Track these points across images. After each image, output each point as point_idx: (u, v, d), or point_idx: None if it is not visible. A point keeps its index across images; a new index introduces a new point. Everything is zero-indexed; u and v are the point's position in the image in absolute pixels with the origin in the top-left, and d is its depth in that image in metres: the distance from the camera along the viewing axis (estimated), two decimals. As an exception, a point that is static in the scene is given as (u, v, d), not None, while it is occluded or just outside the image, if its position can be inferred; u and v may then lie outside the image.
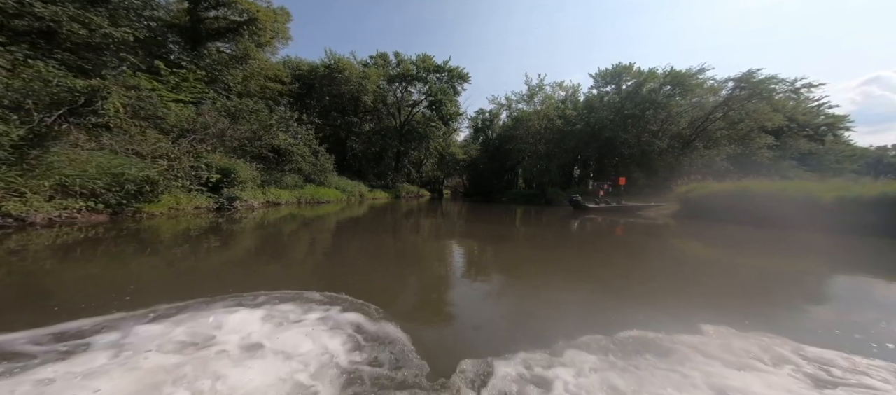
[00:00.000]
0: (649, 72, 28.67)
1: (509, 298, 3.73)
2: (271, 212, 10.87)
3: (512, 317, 3.10)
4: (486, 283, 4.24)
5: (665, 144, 26.92)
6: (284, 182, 13.79)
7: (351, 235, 7.58)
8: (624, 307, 3.31)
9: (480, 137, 45.92)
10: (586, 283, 4.29)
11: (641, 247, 7.40)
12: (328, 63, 27.31)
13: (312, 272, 4.40)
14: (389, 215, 12.89)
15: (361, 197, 22.64)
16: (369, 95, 27.36)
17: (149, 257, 4.53)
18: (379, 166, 29.97)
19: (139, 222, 6.70)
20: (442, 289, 3.88)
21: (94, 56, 13.54)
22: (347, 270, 4.37)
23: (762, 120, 25.60)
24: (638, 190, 27.78)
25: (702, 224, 10.97)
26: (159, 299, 2.83)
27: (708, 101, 28.29)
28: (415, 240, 7.39)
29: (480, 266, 5.18)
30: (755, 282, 4.53)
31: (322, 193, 16.53)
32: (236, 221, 8.29)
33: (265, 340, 2.22)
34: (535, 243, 7.47)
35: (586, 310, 3.29)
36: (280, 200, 12.96)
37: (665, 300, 3.61)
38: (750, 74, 25.44)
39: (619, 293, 3.84)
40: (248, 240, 6.15)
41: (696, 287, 4.27)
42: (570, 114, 32.82)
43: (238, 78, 18.79)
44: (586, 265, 5.43)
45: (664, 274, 5.00)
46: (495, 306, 3.41)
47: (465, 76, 31.86)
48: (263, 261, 4.74)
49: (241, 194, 9.95)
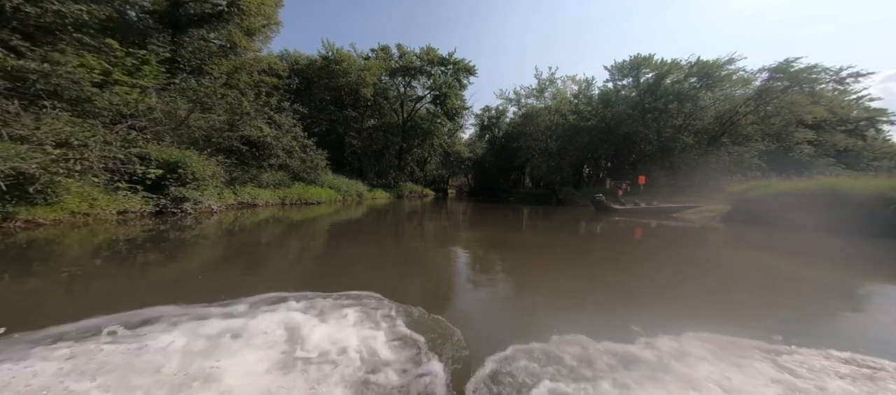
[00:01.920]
0: (672, 63, 25.96)
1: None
2: (242, 215, 8.78)
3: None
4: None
5: (691, 139, 24.20)
6: (263, 180, 11.72)
7: (331, 250, 5.41)
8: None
9: (486, 135, 43.66)
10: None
11: (712, 260, 5.10)
12: (326, 54, 25.26)
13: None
14: (388, 217, 10.72)
15: (360, 197, 20.51)
16: (369, 88, 25.17)
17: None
18: (380, 164, 27.83)
19: (9, 235, 4.59)
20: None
21: (51, 37, 11.66)
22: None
23: (801, 113, 22.77)
24: (657, 189, 25.17)
25: (768, 232, 8.51)
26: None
27: (736, 93, 25.52)
28: (419, 249, 5.23)
29: (512, 292, 2.96)
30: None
31: (312, 192, 14.41)
32: (179, 229, 6.22)
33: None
34: (573, 255, 5.22)
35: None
36: (257, 200, 10.87)
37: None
38: (787, 63, 22.61)
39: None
40: (149, 260, 4.02)
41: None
42: (583, 109, 30.28)
43: (223, 68, 16.74)
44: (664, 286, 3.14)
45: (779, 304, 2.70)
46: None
47: (471, 69, 29.53)
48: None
49: (193, 195, 7.85)
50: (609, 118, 27.64)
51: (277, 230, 7.09)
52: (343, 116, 24.22)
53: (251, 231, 6.76)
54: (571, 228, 10.14)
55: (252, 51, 20.62)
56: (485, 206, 20.42)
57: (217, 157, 9.43)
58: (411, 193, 28.13)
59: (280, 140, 12.52)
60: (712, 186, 24.11)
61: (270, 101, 12.91)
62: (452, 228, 9.23)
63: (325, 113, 23.74)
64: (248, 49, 20.05)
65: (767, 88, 23.45)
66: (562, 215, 14.35)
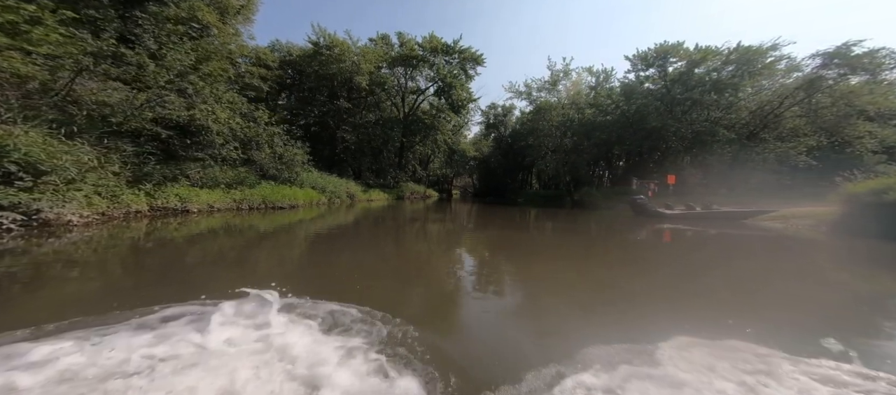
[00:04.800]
0: (705, 49, 22.48)
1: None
2: (131, 230, 5.67)
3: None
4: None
5: (734, 133, 20.72)
6: (196, 178, 8.48)
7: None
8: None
9: (492, 134, 40.44)
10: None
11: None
12: (316, 40, 22.12)
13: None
14: (375, 229, 7.48)
15: (351, 199, 17.32)
16: (365, 77, 21.96)
17: None
18: (377, 162, 24.59)
19: None
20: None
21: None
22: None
23: (861, 104, 19.18)
24: (689, 190, 21.71)
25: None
26: None
27: (780, 83, 21.98)
28: (412, 299, 2.11)
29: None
30: None
31: (283, 194, 11.16)
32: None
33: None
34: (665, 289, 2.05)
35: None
36: (191, 205, 7.71)
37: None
38: (846, 47, 19.04)
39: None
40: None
41: None
42: (602, 101, 26.89)
43: (184, 52, 13.35)
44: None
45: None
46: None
47: (478, 59, 26.24)
48: None
49: (24, 198, 4.63)
50: (632, 112, 24.23)
51: (125, 258, 3.93)
52: (335, 108, 20.91)
53: (71, 266, 3.62)
54: (625, 241, 6.82)
55: (229, 34, 17.55)
56: (495, 209, 17.08)
57: (121, 143, 6.30)
58: (413, 195, 24.88)
59: (230, 121, 9.32)
60: (752, 187, 20.77)
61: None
62: (468, 244, 6.00)
63: (313, 104, 20.53)
64: (223, 32, 16.99)
65: (820, 75, 19.88)
66: (593, 221, 11.02)
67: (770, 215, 10.91)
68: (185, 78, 8.55)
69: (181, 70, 8.58)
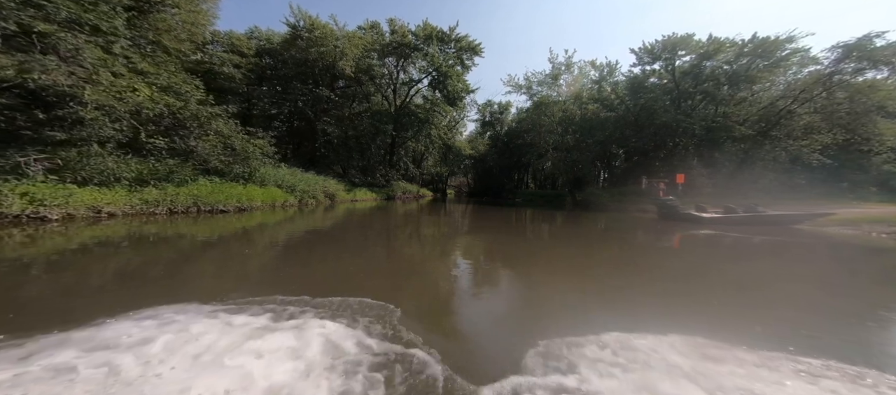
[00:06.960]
0: (715, 41, 20.82)
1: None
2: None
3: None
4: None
5: (752, 130, 19.08)
6: (89, 170, 5.95)
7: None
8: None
9: (488, 132, 38.36)
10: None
11: None
12: (294, 22, 19.42)
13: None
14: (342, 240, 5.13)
15: (331, 199, 14.84)
16: (350, 63, 19.39)
17: None
18: (365, 159, 22.06)
19: None
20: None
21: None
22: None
23: (882, 100, 17.79)
24: (697, 189, 20.04)
25: None
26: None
27: (795, 78, 20.52)
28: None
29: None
30: None
31: (228, 194, 8.50)
32: None
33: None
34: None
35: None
36: (53, 210, 5.20)
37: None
38: (868, 38, 17.58)
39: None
40: None
41: None
42: (606, 97, 25.07)
43: (119, 23, 10.45)
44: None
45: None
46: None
47: (476, 49, 24.00)
48: None
49: None
50: (637, 108, 22.44)
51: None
52: (313, 96, 18.19)
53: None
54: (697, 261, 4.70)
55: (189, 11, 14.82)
56: (494, 211, 14.91)
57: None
58: (405, 194, 22.48)
59: (124, 94, 6.65)
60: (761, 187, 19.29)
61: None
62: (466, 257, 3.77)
63: (288, 93, 17.81)
64: (182, 8, 14.27)
65: (838, 69, 18.40)
66: (613, 227, 8.94)
67: (829, 218, 9.06)
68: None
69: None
